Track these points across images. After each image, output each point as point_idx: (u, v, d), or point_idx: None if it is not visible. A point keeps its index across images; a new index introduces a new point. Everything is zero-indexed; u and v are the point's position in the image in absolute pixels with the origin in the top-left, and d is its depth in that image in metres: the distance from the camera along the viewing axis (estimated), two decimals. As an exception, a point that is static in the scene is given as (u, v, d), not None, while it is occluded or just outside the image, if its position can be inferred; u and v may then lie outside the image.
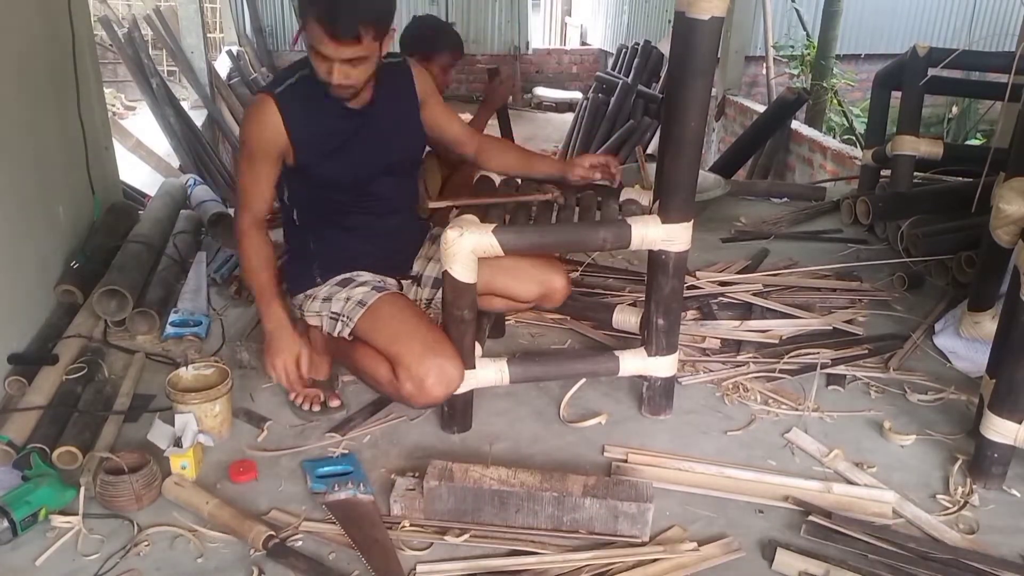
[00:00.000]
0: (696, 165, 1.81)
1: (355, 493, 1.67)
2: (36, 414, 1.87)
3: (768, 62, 6.89)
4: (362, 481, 1.72)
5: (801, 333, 2.46)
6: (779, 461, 1.89)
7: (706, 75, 1.68)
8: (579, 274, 2.82)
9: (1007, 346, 1.73)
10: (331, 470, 1.77)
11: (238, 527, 1.57)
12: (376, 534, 1.58)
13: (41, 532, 1.59)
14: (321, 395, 2.02)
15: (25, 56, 2.36)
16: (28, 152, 2.33)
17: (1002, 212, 1.89)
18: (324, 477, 1.75)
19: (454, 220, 1.75)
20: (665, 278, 1.87)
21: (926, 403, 2.13)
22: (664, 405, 2.04)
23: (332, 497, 1.67)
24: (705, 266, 2.90)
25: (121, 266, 2.52)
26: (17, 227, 2.19)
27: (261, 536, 1.53)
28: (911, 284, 2.80)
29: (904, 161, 3.27)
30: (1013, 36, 4.60)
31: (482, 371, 1.90)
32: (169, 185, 3.48)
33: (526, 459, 1.87)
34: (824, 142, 5.22)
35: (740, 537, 1.62)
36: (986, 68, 3.46)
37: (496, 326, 2.37)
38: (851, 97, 7.46)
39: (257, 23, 10.18)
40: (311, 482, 1.74)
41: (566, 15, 13.10)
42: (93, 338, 2.28)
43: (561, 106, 10.30)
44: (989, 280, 2.15)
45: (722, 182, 3.59)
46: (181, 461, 1.74)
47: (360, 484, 1.70)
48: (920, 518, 1.69)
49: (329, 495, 1.67)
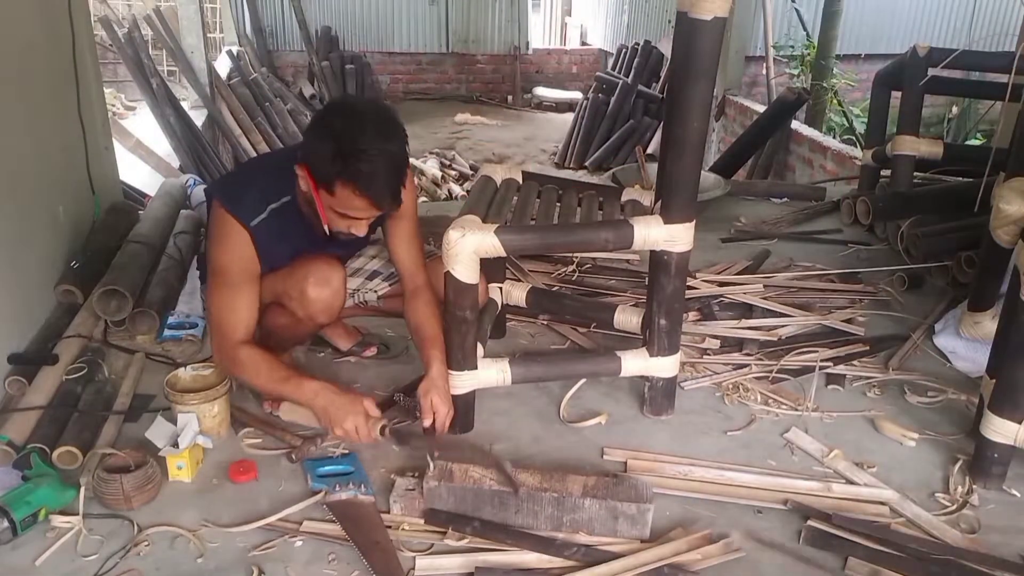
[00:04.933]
0: (698, 165, 1.80)
1: (356, 494, 1.67)
2: (36, 414, 1.87)
3: (768, 62, 6.88)
4: (363, 482, 1.72)
5: (801, 333, 2.46)
6: (779, 461, 1.89)
7: (708, 76, 1.68)
8: (576, 272, 2.82)
9: (1007, 346, 1.73)
10: (332, 470, 1.77)
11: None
12: (377, 536, 1.58)
13: (41, 532, 1.59)
14: None
15: (25, 56, 2.36)
16: (28, 152, 2.33)
17: (1002, 212, 1.89)
18: (325, 476, 1.74)
19: (456, 221, 1.75)
20: (667, 278, 1.87)
21: (926, 403, 2.13)
22: (666, 405, 2.04)
23: (333, 497, 1.67)
24: (705, 266, 2.90)
25: (121, 266, 2.52)
26: (17, 227, 2.19)
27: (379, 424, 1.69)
28: (911, 284, 2.80)
29: (904, 161, 3.27)
30: (1013, 36, 4.60)
31: (484, 372, 1.90)
32: (169, 185, 3.48)
33: (526, 459, 1.86)
34: (824, 142, 5.22)
35: (740, 537, 1.62)
36: (986, 68, 3.46)
37: (497, 326, 2.37)
38: (851, 97, 7.45)
39: (257, 23, 10.17)
40: (312, 481, 1.74)
41: (566, 15, 13.10)
42: (93, 338, 2.28)
43: (561, 106, 10.29)
44: (989, 280, 2.15)
45: (722, 182, 3.59)
46: (177, 461, 1.74)
47: (361, 485, 1.70)
48: (920, 517, 1.69)
49: (330, 495, 1.67)
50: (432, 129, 9.02)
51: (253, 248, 1.77)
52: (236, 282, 1.78)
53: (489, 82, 11.04)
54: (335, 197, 1.65)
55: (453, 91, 10.92)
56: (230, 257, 1.77)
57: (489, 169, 2.30)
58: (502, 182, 2.24)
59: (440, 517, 1.63)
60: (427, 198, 6.68)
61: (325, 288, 1.78)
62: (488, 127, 9.41)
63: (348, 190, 1.62)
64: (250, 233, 1.75)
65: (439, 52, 10.78)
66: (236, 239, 1.75)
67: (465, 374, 1.88)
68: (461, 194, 6.61)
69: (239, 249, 1.76)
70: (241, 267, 1.77)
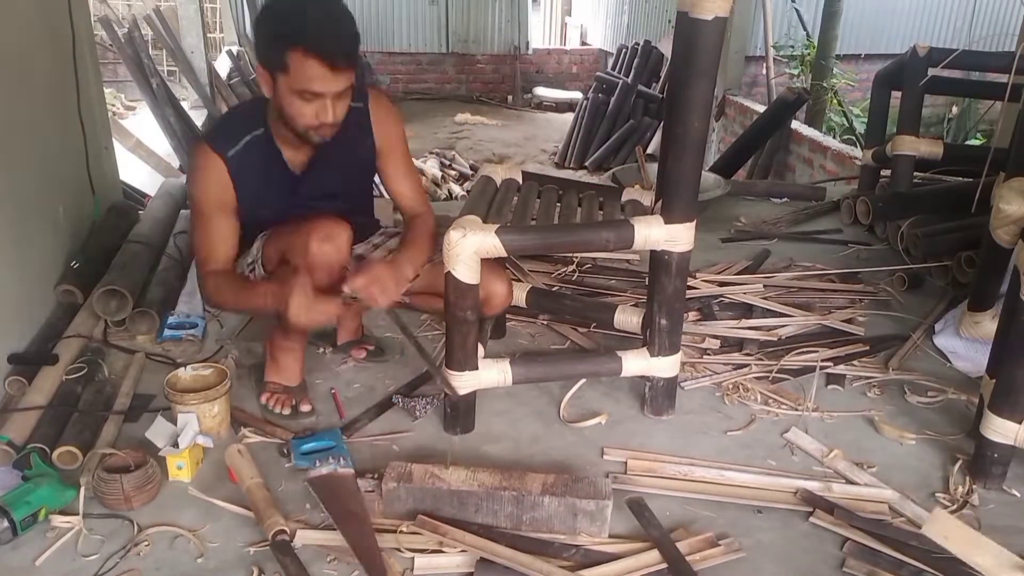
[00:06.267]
0: (699, 165, 1.80)
1: (335, 467, 1.69)
2: (36, 414, 1.87)
3: (768, 62, 6.89)
4: (343, 455, 1.74)
5: (801, 333, 2.46)
6: (779, 461, 1.89)
7: (709, 75, 1.68)
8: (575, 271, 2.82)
9: (1007, 346, 1.73)
10: (315, 446, 1.80)
11: (262, 511, 1.59)
12: (353, 506, 1.60)
13: (41, 532, 1.59)
14: (293, 399, 2.01)
15: (25, 56, 2.36)
16: (28, 152, 2.33)
17: (1002, 212, 1.89)
18: (308, 454, 1.77)
19: (456, 221, 1.75)
20: (668, 278, 1.87)
21: (926, 403, 2.13)
22: (666, 405, 2.04)
23: (315, 473, 1.69)
24: (705, 266, 2.90)
25: (121, 266, 2.52)
26: (17, 227, 2.19)
27: (274, 528, 1.54)
28: (911, 284, 2.80)
29: (904, 161, 3.27)
30: (1013, 36, 4.60)
31: (485, 372, 1.90)
32: (169, 185, 3.48)
33: (526, 459, 1.87)
34: (824, 142, 5.22)
35: (740, 537, 1.62)
36: (986, 68, 3.46)
37: (497, 327, 2.37)
38: (851, 97, 7.46)
39: (257, 23, 10.17)
40: (295, 459, 1.77)
41: (566, 15, 13.10)
42: (93, 338, 2.28)
43: (561, 106, 10.30)
44: (989, 280, 2.15)
45: (722, 182, 3.59)
46: (177, 461, 1.74)
47: (341, 458, 1.72)
48: (921, 517, 1.68)
49: (312, 471, 1.69)
50: (432, 129, 9.02)
51: (229, 178, 1.78)
52: (212, 212, 1.80)
53: (489, 82, 11.04)
54: (290, 75, 1.63)
55: (453, 91, 10.92)
56: (206, 187, 1.78)
57: (489, 169, 2.30)
58: (502, 182, 2.25)
59: (399, 518, 1.62)
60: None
61: (328, 243, 1.77)
62: (488, 127, 9.41)
63: (298, 55, 1.60)
64: (225, 163, 1.77)
65: (439, 52, 10.78)
66: (212, 169, 1.77)
67: (466, 374, 1.88)
68: (461, 194, 6.61)
69: (215, 177, 1.77)
70: (217, 196, 1.79)
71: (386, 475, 1.64)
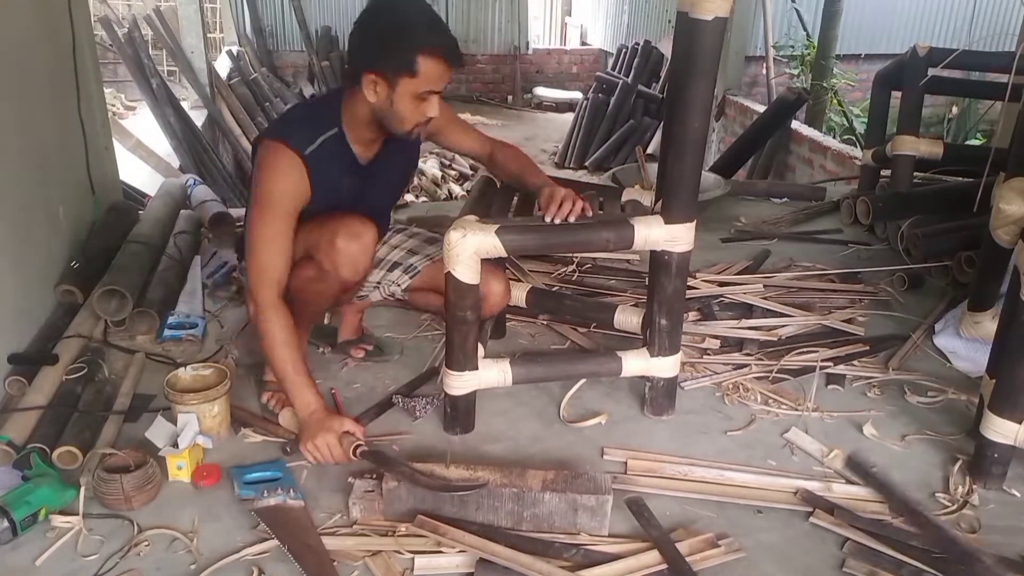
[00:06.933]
0: (699, 166, 1.80)
1: (285, 499, 1.64)
2: (36, 414, 1.87)
3: (768, 62, 6.89)
4: (292, 487, 1.68)
5: (801, 333, 2.46)
6: (779, 461, 1.89)
7: (709, 76, 1.68)
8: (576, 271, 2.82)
9: (1007, 346, 1.73)
10: (259, 476, 1.74)
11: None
12: (309, 540, 1.56)
13: (41, 532, 1.59)
14: None
15: (25, 56, 2.36)
16: (28, 152, 2.33)
17: (1002, 212, 1.89)
18: (252, 484, 1.71)
19: (456, 221, 1.75)
20: (668, 278, 1.87)
21: (926, 403, 2.13)
22: (667, 405, 2.04)
23: (261, 503, 1.63)
24: (705, 266, 2.90)
25: (121, 266, 2.52)
26: (17, 227, 2.19)
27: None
28: (911, 284, 2.80)
29: (904, 161, 3.27)
30: (1013, 36, 4.61)
31: (485, 372, 1.90)
32: (169, 185, 3.48)
33: (526, 459, 1.86)
34: (824, 142, 5.22)
35: (740, 537, 1.62)
36: (986, 68, 3.47)
37: (497, 327, 2.37)
38: (851, 97, 7.45)
39: (257, 23, 10.18)
40: (238, 488, 1.70)
41: (566, 15, 13.11)
42: (93, 338, 2.28)
43: (561, 106, 10.31)
44: (989, 280, 2.15)
45: (722, 182, 3.59)
46: (177, 461, 1.74)
47: (290, 490, 1.66)
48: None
49: (258, 501, 1.64)
50: (432, 129, 9.01)
51: (307, 177, 1.77)
52: (285, 211, 1.76)
53: (489, 82, 11.05)
54: (418, 76, 1.68)
55: (453, 91, 10.92)
56: (283, 186, 1.75)
57: (489, 169, 2.30)
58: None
59: (399, 518, 1.62)
60: (427, 198, 6.69)
61: (354, 241, 1.79)
62: (488, 127, 9.41)
63: (432, 60, 1.67)
64: (304, 161, 1.76)
65: (439, 52, 10.77)
66: (292, 167, 1.75)
67: (466, 374, 1.88)
68: (461, 194, 6.61)
69: (294, 176, 1.76)
70: (293, 195, 1.77)
71: (386, 475, 1.64)
